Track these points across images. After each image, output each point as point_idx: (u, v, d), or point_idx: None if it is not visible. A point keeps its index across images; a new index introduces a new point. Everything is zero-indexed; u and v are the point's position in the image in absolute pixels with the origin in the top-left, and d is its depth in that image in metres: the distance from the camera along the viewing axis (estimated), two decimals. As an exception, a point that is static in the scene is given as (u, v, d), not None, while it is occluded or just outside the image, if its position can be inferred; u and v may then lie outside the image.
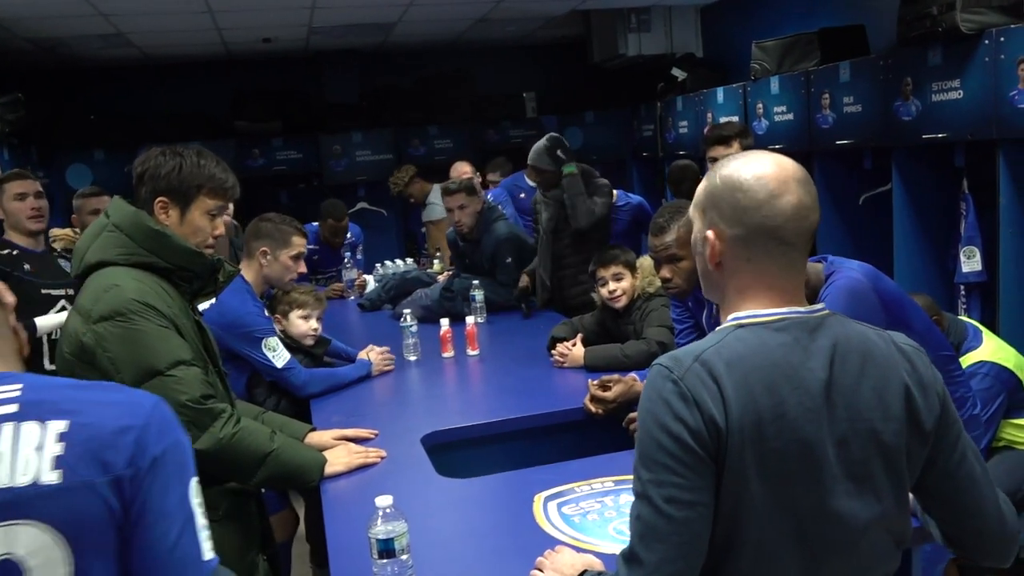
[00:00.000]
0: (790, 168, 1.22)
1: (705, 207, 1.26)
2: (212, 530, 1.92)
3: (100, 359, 1.87)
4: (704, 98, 5.52)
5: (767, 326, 1.19)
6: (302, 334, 3.13)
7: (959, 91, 3.41)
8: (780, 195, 1.19)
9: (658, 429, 1.13)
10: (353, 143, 6.68)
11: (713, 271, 1.26)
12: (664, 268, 2.42)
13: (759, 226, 1.19)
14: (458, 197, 4.09)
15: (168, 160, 2.00)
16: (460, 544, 1.71)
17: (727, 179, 1.23)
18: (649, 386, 1.17)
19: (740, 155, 1.26)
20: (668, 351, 2.79)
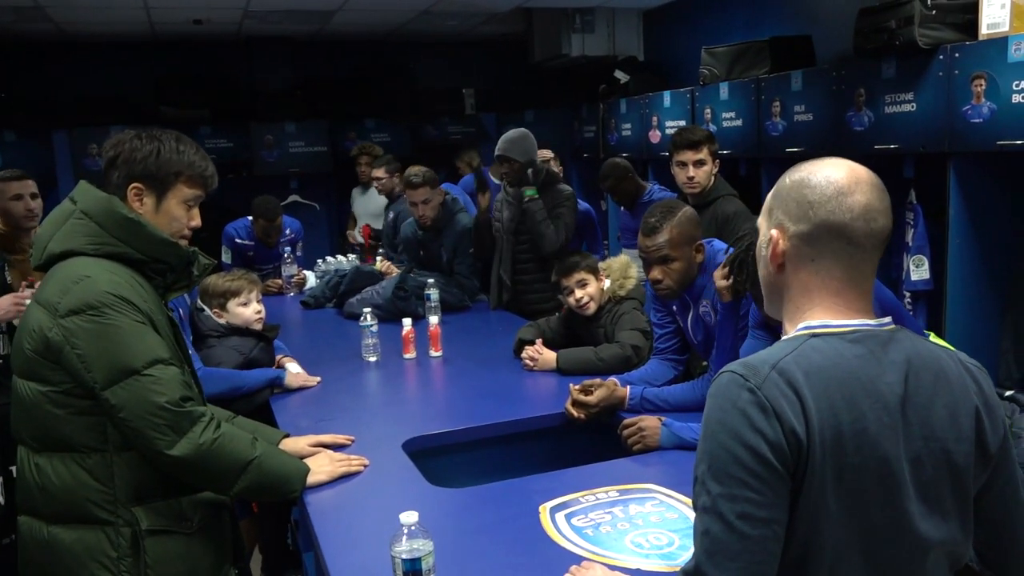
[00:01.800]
0: (862, 171, 1.18)
1: (771, 207, 1.21)
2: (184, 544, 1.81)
3: (68, 356, 1.71)
4: (650, 101, 5.54)
5: (841, 337, 1.14)
6: (247, 321, 2.98)
7: (912, 104, 3.50)
8: (848, 193, 1.15)
9: (733, 441, 1.07)
10: (286, 133, 6.44)
11: (775, 275, 1.21)
12: (655, 269, 2.38)
13: (824, 222, 1.14)
14: (422, 191, 3.98)
15: (145, 144, 1.85)
16: (474, 561, 1.62)
17: (797, 179, 1.19)
18: (721, 395, 1.10)
19: (817, 160, 1.21)
20: (642, 354, 2.81)
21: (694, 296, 2.47)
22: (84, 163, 5.82)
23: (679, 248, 2.38)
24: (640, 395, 2.43)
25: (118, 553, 1.75)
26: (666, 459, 2.11)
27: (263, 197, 4.83)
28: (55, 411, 1.74)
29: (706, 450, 1.10)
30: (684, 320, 2.56)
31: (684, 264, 2.39)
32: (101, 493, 1.75)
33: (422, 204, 4.02)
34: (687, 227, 2.41)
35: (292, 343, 3.28)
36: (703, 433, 1.12)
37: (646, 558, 1.60)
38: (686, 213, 2.44)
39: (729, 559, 1.06)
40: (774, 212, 1.20)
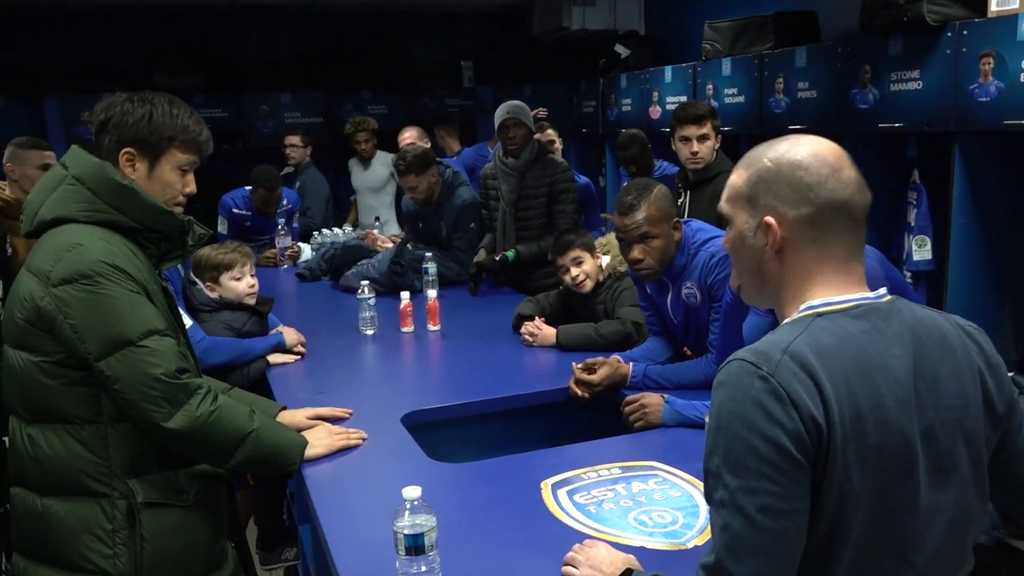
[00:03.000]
0: (836, 147, 1.17)
1: (753, 195, 1.16)
2: (181, 517, 1.79)
3: (61, 327, 1.67)
4: (651, 76, 5.48)
5: (845, 313, 1.12)
6: (240, 295, 2.94)
7: (919, 82, 3.46)
8: (840, 168, 1.13)
9: (749, 432, 1.03)
10: (281, 104, 6.36)
11: (769, 262, 1.16)
12: (635, 249, 2.35)
13: (828, 201, 1.12)
14: (408, 179, 3.93)
15: (137, 107, 1.79)
16: (475, 537, 1.60)
17: (781, 160, 1.15)
18: (732, 384, 1.06)
19: (780, 139, 1.18)
20: (642, 331, 2.78)
21: (673, 276, 2.43)
22: (76, 131, 5.72)
23: (658, 225, 2.34)
24: (643, 372, 2.40)
25: (113, 526, 1.72)
26: (668, 436, 2.09)
27: (263, 166, 4.81)
28: (48, 382, 1.70)
29: (720, 442, 1.06)
30: (662, 301, 2.52)
31: (663, 241, 2.35)
32: (96, 465, 1.72)
33: (408, 190, 4.00)
34: (664, 204, 2.37)
35: (287, 315, 3.24)
36: (715, 424, 1.08)
37: (650, 536, 1.58)
38: (661, 190, 2.41)
39: (751, 554, 1.03)
40: (761, 198, 1.15)
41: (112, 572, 1.72)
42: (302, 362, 2.86)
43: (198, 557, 1.84)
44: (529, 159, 3.84)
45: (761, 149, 1.18)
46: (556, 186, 3.81)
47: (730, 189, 1.20)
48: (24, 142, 3.39)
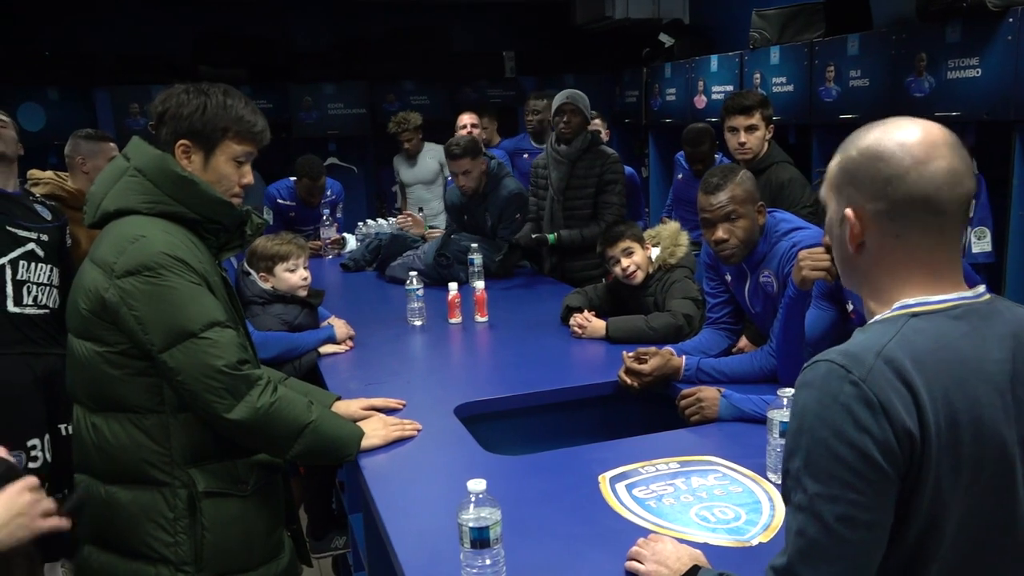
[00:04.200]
0: (937, 132, 1.08)
1: (839, 184, 1.12)
2: (240, 506, 1.80)
3: (125, 318, 1.69)
4: (696, 66, 5.42)
5: (944, 314, 1.06)
6: (293, 287, 2.95)
7: (977, 69, 3.37)
8: (929, 160, 1.05)
9: (835, 439, 0.99)
10: (325, 95, 6.38)
11: (853, 255, 1.12)
12: (719, 228, 2.31)
13: (907, 196, 1.05)
14: (463, 162, 3.92)
15: (192, 99, 1.80)
16: (536, 530, 1.59)
17: (866, 150, 1.09)
18: (820, 387, 1.02)
19: (879, 123, 1.12)
20: (694, 324, 2.75)
21: (753, 264, 2.40)
22: (126, 122, 5.81)
23: (743, 205, 2.30)
24: (696, 365, 2.37)
25: (175, 514, 1.74)
26: (725, 431, 2.06)
27: (307, 156, 4.83)
28: (111, 371, 1.72)
29: (802, 445, 1.02)
30: (740, 289, 2.49)
31: (748, 222, 2.31)
32: (158, 454, 1.74)
33: (462, 175, 3.97)
34: (749, 185, 2.34)
35: (334, 306, 3.26)
36: (797, 426, 1.03)
37: (713, 532, 1.56)
38: (746, 173, 2.38)
39: (826, 562, 1.00)
40: (844, 189, 1.11)
41: (173, 560, 1.74)
42: (352, 353, 2.88)
43: (256, 546, 1.86)
44: (581, 148, 3.82)
45: (857, 134, 1.13)
46: (604, 176, 3.79)
47: (827, 174, 1.16)
48: (93, 134, 3.43)
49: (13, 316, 2.83)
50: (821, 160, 4.15)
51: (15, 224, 2.85)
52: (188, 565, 1.74)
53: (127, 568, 1.75)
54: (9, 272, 2.83)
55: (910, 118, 1.11)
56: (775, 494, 1.69)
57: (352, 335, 2.95)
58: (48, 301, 2.90)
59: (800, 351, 2.15)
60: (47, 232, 2.92)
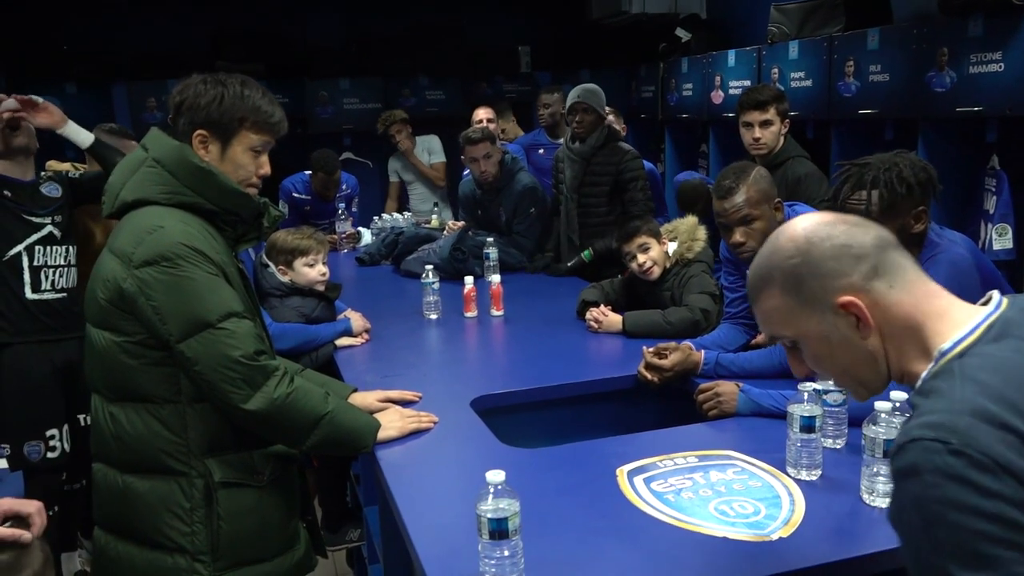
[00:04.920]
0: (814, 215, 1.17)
1: (804, 294, 1.10)
2: (256, 497, 1.80)
3: (143, 308, 1.69)
4: (713, 61, 5.38)
5: (983, 341, 1.02)
6: (311, 281, 2.95)
7: (1000, 64, 3.33)
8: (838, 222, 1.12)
9: (970, 517, 0.90)
10: (340, 90, 6.39)
11: (869, 339, 1.08)
12: (736, 232, 2.29)
13: (868, 246, 1.08)
14: (482, 146, 3.90)
15: (209, 89, 1.80)
16: (555, 523, 1.58)
17: (794, 251, 1.11)
18: (924, 470, 0.93)
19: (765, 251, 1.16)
20: (711, 319, 2.73)
21: None
22: (142, 116, 5.83)
23: (758, 206, 2.28)
24: (715, 360, 2.35)
25: (191, 504, 1.75)
26: (744, 426, 2.04)
27: (322, 150, 4.85)
28: (129, 361, 1.73)
29: (939, 540, 0.92)
30: (761, 285, 2.46)
31: (765, 223, 2.29)
32: (174, 444, 1.74)
33: (483, 159, 3.95)
34: (763, 184, 2.32)
35: (350, 299, 3.26)
36: (920, 520, 0.93)
37: (732, 526, 1.54)
38: (760, 171, 2.36)
39: None
40: (814, 294, 1.09)
41: (190, 549, 1.75)
42: (368, 345, 2.88)
43: (272, 536, 1.86)
44: (595, 145, 3.79)
45: (761, 266, 1.15)
46: (624, 175, 3.76)
47: (775, 315, 1.14)
48: (115, 129, 3.45)
49: (31, 303, 2.85)
50: (840, 155, 4.11)
51: (31, 212, 2.88)
52: (204, 555, 1.74)
53: (144, 558, 1.76)
54: (26, 259, 2.85)
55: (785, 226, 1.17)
56: (795, 489, 1.68)
57: (368, 328, 2.95)
58: (66, 283, 2.93)
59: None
60: (60, 212, 2.95)
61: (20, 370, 2.88)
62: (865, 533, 1.55)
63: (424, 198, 5.68)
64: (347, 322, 2.90)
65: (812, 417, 1.71)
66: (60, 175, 3.05)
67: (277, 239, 2.93)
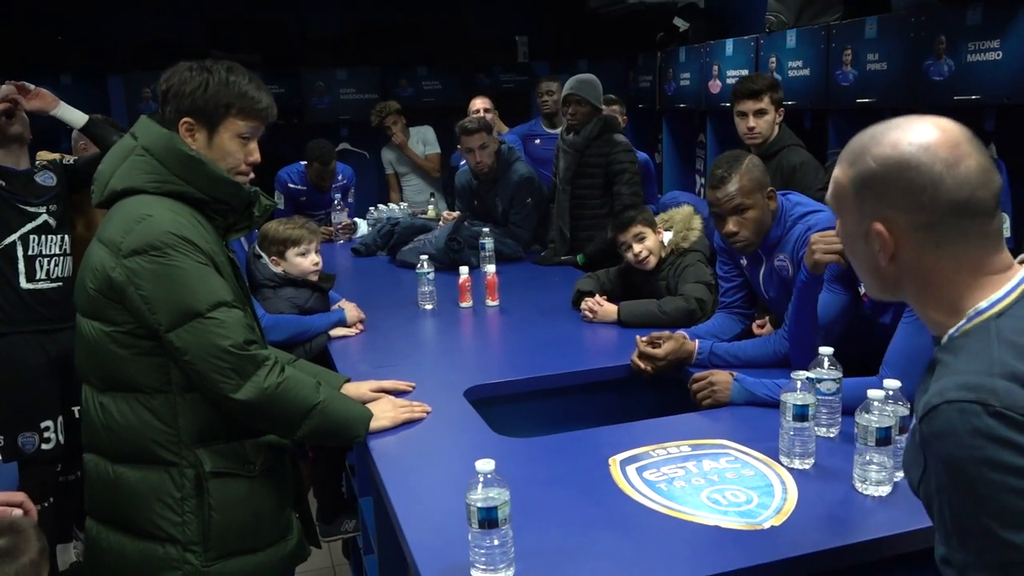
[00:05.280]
0: (954, 127, 1.04)
1: (858, 197, 1.06)
2: (248, 487, 1.80)
3: (132, 297, 1.68)
4: (711, 50, 5.36)
5: (1021, 303, 1.00)
6: (304, 272, 2.94)
7: (998, 52, 3.31)
8: (957, 161, 1.00)
9: (1012, 476, 0.90)
10: (337, 80, 6.37)
11: (885, 267, 1.07)
12: (729, 222, 2.28)
13: (945, 203, 1.01)
14: (478, 136, 3.89)
15: (195, 76, 1.79)
16: (546, 512, 1.58)
17: (887, 159, 1.03)
18: (962, 433, 0.92)
19: (882, 126, 1.06)
20: (706, 308, 2.72)
21: (767, 249, 2.37)
22: (138, 107, 5.81)
23: (751, 196, 2.27)
24: (709, 349, 2.35)
25: (182, 494, 1.74)
26: (737, 415, 2.04)
27: (317, 140, 4.83)
28: (119, 351, 1.72)
29: (982, 500, 0.92)
30: (755, 274, 2.45)
31: (758, 212, 2.28)
32: (165, 434, 1.73)
33: (479, 150, 3.93)
34: (756, 173, 2.30)
35: (345, 290, 3.25)
36: (963, 482, 0.93)
37: (725, 515, 1.54)
38: (752, 160, 2.34)
39: None
40: (865, 202, 1.05)
41: (181, 539, 1.74)
42: (363, 336, 2.87)
43: (264, 526, 1.85)
44: (589, 136, 3.77)
45: (865, 141, 1.06)
46: (612, 167, 3.73)
47: (834, 185, 1.10)
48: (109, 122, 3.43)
49: (26, 293, 2.85)
50: (837, 145, 4.10)
51: (26, 201, 2.87)
52: (196, 545, 1.74)
53: (135, 547, 1.75)
54: (20, 248, 2.85)
55: (917, 116, 1.05)
56: (787, 477, 1.67)
57: (363, 318, 2.94)
58: (61, 271, 2.92)
59: (813, 335, 2.12)
60: (55, 200, 2.94)
61: (14, 361, 2.87)
62: (857, 521, 1.55)
63: (419, 189, 5.68)
64: (341, 313, 2.89)
65: (805, 406, 1.70)
66: (55, 163, 3.04)
67: (269, 229, 2.92)
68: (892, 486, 1.58)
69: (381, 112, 5.54)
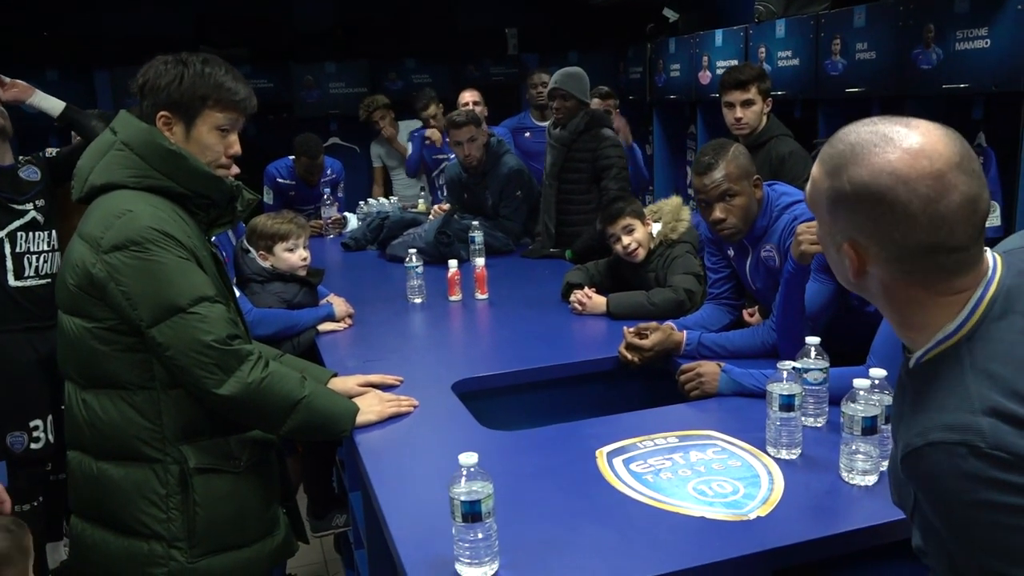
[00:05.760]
0: (942, 155, 0.93)
1: (833, 213, 1.00)
2: (233, 483, 1.79)
3: (113, 293, 1.67)
4: (700, 40, 5.34)
5: (986, 321, 0.96)
6: (292, 267, 2.92)
7: (986, 40, 3.31)
8: (938, 198, 0.92)
9: (1004, 514, 0.88)
10: (326, 74, 6.33)
11: (856, 279, 1.03)
12: (716, 208, 2.27)
13: (918, 244, 0.94)
14: (467, 130, 3.87)
15: (170, 69, 1.77)
16: (532, 505, 1.57)
17: (862, 189, 0.95)
18: (949, 474, 0.90)
19: (868, 134, 0.96)
20: (695, 299, 2.71)
21: (753, 239, 2.36)
22: (125, 102, 5.76)
23: (738, 182, 2.26)
24: (697, 340, 2.34)
25: (167, 490, 1.73)
26: (725, 406, 2.03)
27: (305, 135, 4.81)
28: (101, 347, 1.71)
29: (978, 541, 0.91)
30: (742, 265, 2.45)
31: (745, 199, 2.27)
32: (149, 431, 1.72)
33: (467, 143, 3.92)
34: (742, 161, 2.29)
35: (335, 284, 3.24)
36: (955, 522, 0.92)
37: (711, 506, 1.53)
38: (739, 148, 2.33)
39: None
40: (840, 220, 0.99)
41: (166, 536, 1.73)
42: (351, 330, 2.86)
43: (250, 522, 1.84)
44: (576, 131, 3.75)
45: (847, 152, 0.97)
46: (599, 162, 3.71)
47: (811, 186, 1.04)
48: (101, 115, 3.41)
49: (15, 291, 2.82)
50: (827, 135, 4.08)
51: (12, 199, 2.85)
52: (181, 541, 1.73)
53: (120, 545, 1.74)
54: (8, 246, 2.82)
55: (910, 128, 0.96)
56: (774, 468, 1.67)
57: (352, 313, 2.93)
58: (50, 268, 2.90)
59: (801, 325, 2.11)
60: (41, 196, 2.92)
61: (3, 359, 2.85)
62: (843, 511, 1.54)
63: (409, 183, 5.66)
64: (329, 307, 2.87)
65: (792, 396, 1.70)
66: (38, 157, 3.02)
67: (257, 224, 2.91)
68: (878, 475, 1.58)
69: (368, 107, 5.53)
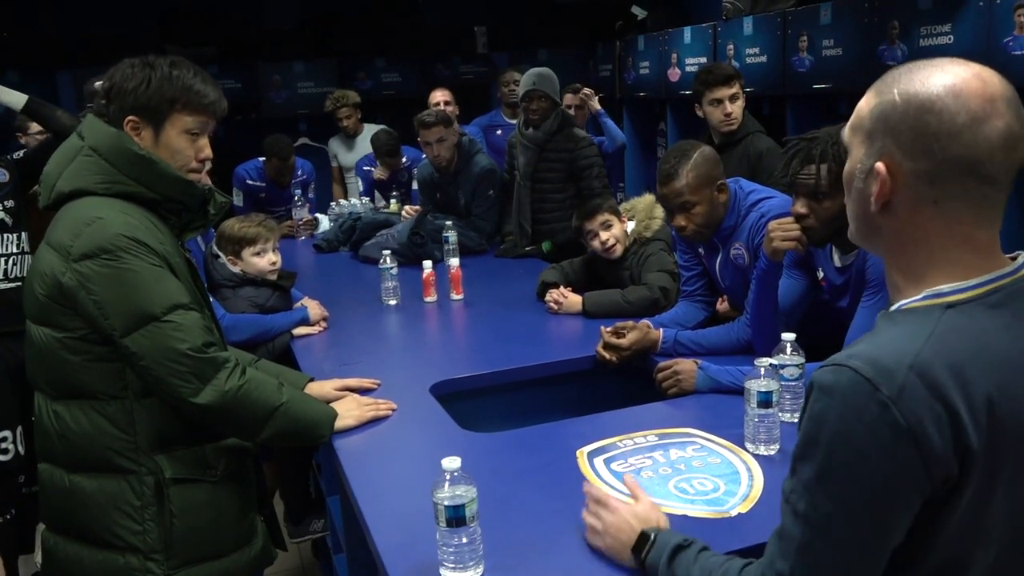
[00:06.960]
0: (996, 82, 0.95)
1: (871, 131, 0.98)
2: (210, 492, 1.76)
3: (84, 303, 1.63)
4: (669, 38, 5.37)
5: (981, 302, 0.95)
6: (261, 271, 2.88)
7: (949, 36, 3.36)
8: (985, 119, 0.92)
9: (858, 462, 0.90)
10: (294, 73, 6.28)
11: (876, 214, 0.99)
12: (678, 216, 2.30)
13: (956, 159, 0.93)
14: (436, 130, 3.85)
15: (136, 72, 1.73)
16: (514, 507, 1.57)
17: (912, 97, 0.95)
18: (842, 400, 0.91)
19: (924, 61, 0.97)
20: (670, 297, 2.73)
21: (722, 238, 2.38)
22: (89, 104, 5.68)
23: (698, 192, 2.28)
24: (673, 338, 2.35)
25: (142, 502, 1.70)
26: (703, 403, 2.04)
27: (275, 136, 4.76)
28: (71, 358, 1.67)
29: (818, 459, 0.93)
30: (712, 263, 2.47)
31: (706, 207, 2.29)
32: (122, 441, 1.69)
33: (436, 143, 3.90)
34: (704, 168, 2.30)
35: (308, 287, 3.21)
36: (814, 436, 0.93)
37: (692, 504, 1.54)
38: (703, 153, 2.33)
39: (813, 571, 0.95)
40: (877, 137, 0.97)
41: (142, 548, 1.70)
42: (327, 333, 2.83)
43: (228, 531, 1.82)
44: (550, 131, 3.75)
45: (900, 73, 0.99)
46: (578, 162, 3.73)
47: (855, 115, 1.02)
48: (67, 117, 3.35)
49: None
50: (795, 131, 4.13)
51: None
52: (157, 553, 1.70)
53: (94, 558, 1.71)
54: None
55: (963, 61, 0.97)
56: (753, 464, 1.68)
57: (326, 316, 2.90)
58: (20, 271, 2.84)
59: (775, 321, 2.13)
60: (9, 197, 2.86)
61: (-31, 368, 2.79)
62: (823, 506, 1.55)
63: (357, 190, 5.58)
64: (303, 311, 2.84)
65: (769, 392, 1.71)
66: (4, 158, 2.95)
67: (225, 228, 2.86)
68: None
69: (337, 100, 5.37)
